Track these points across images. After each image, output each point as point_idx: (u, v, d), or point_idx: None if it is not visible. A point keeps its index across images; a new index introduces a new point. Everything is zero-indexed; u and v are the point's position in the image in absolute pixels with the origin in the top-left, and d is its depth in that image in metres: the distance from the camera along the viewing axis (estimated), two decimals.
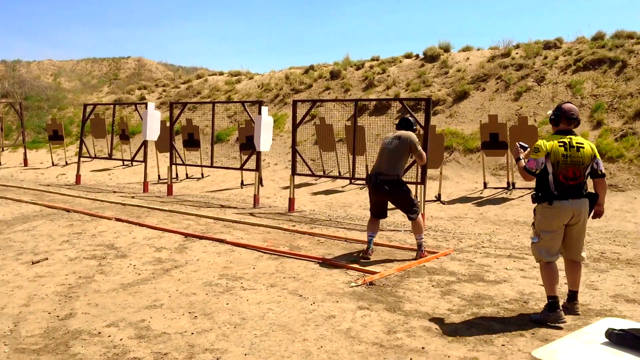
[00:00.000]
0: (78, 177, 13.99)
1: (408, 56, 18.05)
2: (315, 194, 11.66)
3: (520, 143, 4.89)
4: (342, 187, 12.07)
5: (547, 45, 15.34)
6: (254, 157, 10.88)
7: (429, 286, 5.44)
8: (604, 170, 4.64)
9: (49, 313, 4.83)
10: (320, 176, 11.76)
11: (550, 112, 4.88)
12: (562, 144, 4.51)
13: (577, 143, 4.53)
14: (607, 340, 2.32)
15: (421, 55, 17.55)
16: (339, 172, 12.82)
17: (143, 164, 12.82)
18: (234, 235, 7.70)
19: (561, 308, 4.45)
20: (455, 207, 9.84)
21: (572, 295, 4.70)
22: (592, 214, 4.63)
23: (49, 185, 13.44)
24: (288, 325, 4.44)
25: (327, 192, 11.72)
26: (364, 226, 8.46)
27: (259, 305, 4.93)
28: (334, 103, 15.50)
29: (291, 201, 9.88)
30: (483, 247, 7.13)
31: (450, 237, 7.71)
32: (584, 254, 4.66)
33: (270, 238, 7.56)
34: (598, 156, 4.61)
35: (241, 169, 11.67)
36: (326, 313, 4.70)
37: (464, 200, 10.31)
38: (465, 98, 14.46)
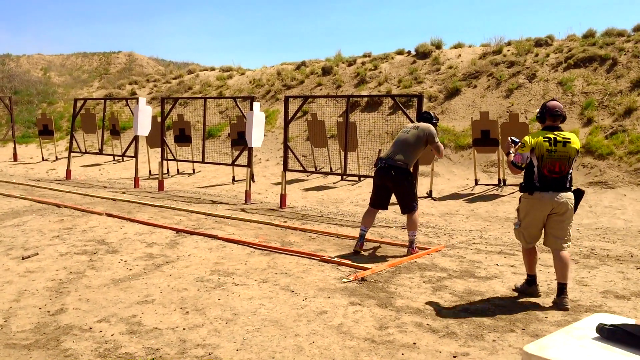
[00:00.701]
0: (68, 172, 13.91)
1: (400, 53, 18.07)
2: (306, 190, 11.66)
3: (512, 138, 5.07)
4: (334, 183, 12.08)
5: (539, 43, 15.40)
6: (245, 153, 10.87)
7: (420, 282, 5.46)
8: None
9: (40, 308, 4.81)
10: (312, 172, 11.76)
11: (537, 110, 5.08)
12: (547, 139, 4.72)
13: (563, 138, 4.75)
14: (598, 335, 2.34)
15: (413, 52, 17.58)
16: (331, 169, 12.83)
17: (134, 159, 12.76)
18: (225, 231, 7.69)
19: (537, 284, 5.06)
20: (446, 204, 9.88)
21: (561, 289, 4.77)
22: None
23: (39, 180, 13.35)
24: (280, 321, 4.45)
25: (318, 189, 11.73)
26: (356, 222, 8.48)
27: (250, 300, 4.93)
28: (326, 99, 15.50)
29: (283, 197, 9.87)
30: (474, 243, 7.17)
31: (442, 234, 7.74)
32: (565, 245, 4.81)
33: (262, 234, 7.55)
34: (578, 152, 4.87)
35: (233, 164, 11.65)
36: (318, 309, 4.71)
37: (455, 196, 10.35)
38: (456, 95, 14.50)
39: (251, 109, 10.35)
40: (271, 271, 5.82)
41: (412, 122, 8.28)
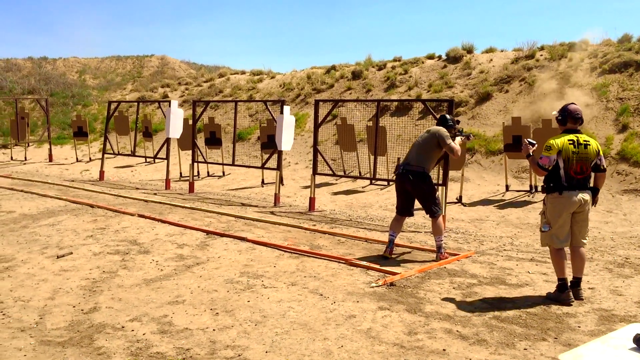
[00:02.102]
0: (102, 173, 14.16)
1: (430, 57, 17.95)
2: (335, 193, 11.66)
3: (529, 140, 5.29)
4: (363, 187, 12.05)
5: (573, 48, 15.15)
6: (275, 156, 10.92)
7: (450, 288, 5.42)
8: (605, 166, 5.21)
9: (74, 306, 4.91)
10: (341, 176, 11.75)
11: (555, 112, 5.34)
12: (571, 141, 5.01)
13: (584, 141, 5.05)
14: (635, 345, 2.29)
15: (444, 56, 17.45)
16: (360, 173, 12.80)
17: (165, 161, 12.94)
18: (254, 234, 7.74)
19: (569, 289, 5.02)
20: (476, 210, 9.77)
21: (576, 282, 5.11)
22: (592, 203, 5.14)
23: (73, 181, 13.63)
24: (309, 324, 4.46)
25: (347, 192, 11.72)
26: (385, 227, 8.45)
27: (279, 303, 4.95)
28: (356, 103, 15.48)
29: (312, 200, 9.89)
30: (505, 250, 7.08)
31: (472, 240, 7.66)
32: (585, 241, 5.15)
33: (290, 237, 7.58)
34: (602, 153, 5.15)
35: (262, 167, 11.72)
36: (347, 313, 4.71)
37: (485, 202, 10.23)
38: (488, 100, 14.34)
39: (281, 112, 10.40)
40: (300, 274, 5.84)
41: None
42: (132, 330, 4.36)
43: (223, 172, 14.52)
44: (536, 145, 5.27)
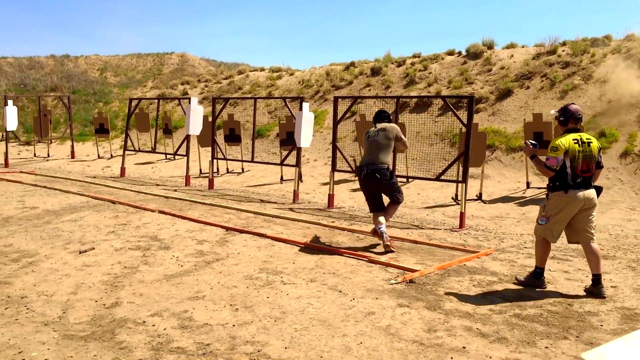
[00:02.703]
0: (123, 169, 14.31)
1: (450, 53, 17.82)
2: (354, 190, 11.64)
3: (530, 141, 5.41)
4: None
5: (595, 43, 14.93)
6: (294, 152, 10.95)
7: (469, 285, 5.39)
8: (603, 163, 5.36)
9: (96, 301, 4.98)
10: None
11: (554, 111, 5.48)
12: (575, 140, 5.11)
13: (587, 139, 5.17)
14: None
15: (464, 52, 17.31)
16: None
17: (185, 158, 13.03)
18: (274, 230, 7.77)
19: (544, 277, 5.34)
20: (496, 207, 9.70)
21: (597, 280, 5.11)
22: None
23: (95, 177, 13.79)
24: (328, 321, 4.47)
25: None
26: (404, 224, 8.43)
27: (298, 299, 4.97)
28: (375, 100, 15.43)
29: (330, 197, 9.89)
30: (525, 247, 7.01)
31: (492, 237, 7.60)
32: (593, 236, 5.19)
33: (309, 233, 7.59)
34: (601, 150, 5.30)
35: (281, 164, 11.75)
36: (366, 309, 4.71)
37: (505, 199, 10.14)
38: (508, 96, 14.20)
39: (300, 109, 10.41)
40: (319, 271, 5.85)
41: (462, 123, 8.26)
42: (153, 325, 4.40)
43: (242, 169, 14.58)
44: (537, 144, 5.42)
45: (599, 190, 5.23)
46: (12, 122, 16.23)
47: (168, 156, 16.62)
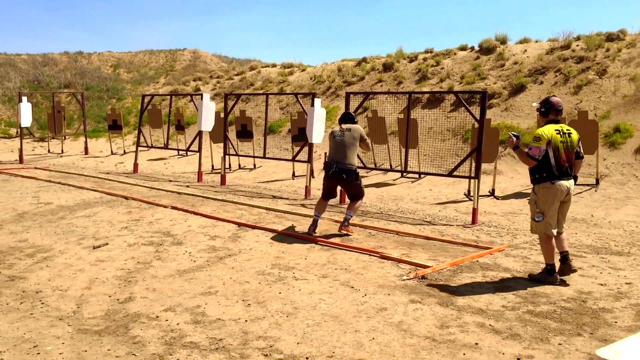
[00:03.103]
0: (135, 165, 14.40)
1: (463, 48, 17.73)
2: (366, 186, 11.59)
3: (513, 133, 5.50)
4: (394, 180, 12.00)
5: (610, 37, 14.77)
6: (305, 148, 10.95)
7: (482, 282, 5.37)
8: (583, 153, 5.52)
9: (110, 296, 5.01)
10: (371, 169, 11.70)
11: (535, 104, 5.66)
12: (557, 131, 5.26)
13: (567, 130, 5.34)
14: None
15: (476, 48, 17.21)
16: (391, 165, 12.75)
17: (198, 154, 13.08)
18: (285, 226, 7.78)
19: (557, 272, 5.33)
20: (509, 203, 9.64)
21: (565, 257, 5.35)
22: None
23: (108, 173, 13.89)
24: (340, 316, 4.47)
25: (378, 185, 11.68)
26: (416, 220, 8.41)
27: (310, 295, 4.97)
28: (387, 95, 15.38)
29: (342, 193, 9.89)
30: (539, 244, 6.95)
31: (504, 233, 7.56)
32: (565, 226, 5.52)
33: (321, 230, 7.60)
34: (580, 141, 5.46)
35: (293, 160, 11.76)
36: (378, 305, 4.70)
37: (518, 195, 10.08)
38: (521, 91, 14.10)
39: (312, 105, 10.41)
40: (331, 266, 5.85)
41: (475, 118, 8.23)
42: (166, 320, 4.43)
43: (254, 165, 14.62)
44: (520, 137, 5.50)
45: (575, 179, 5.43)
46: (26, 118, 16.37)
47: (180, 152, 16.69)
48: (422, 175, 11.60)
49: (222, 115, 13.33)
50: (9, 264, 5.99)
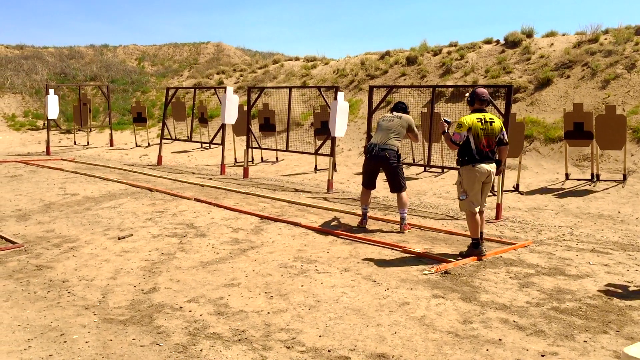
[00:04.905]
0: (159, 158, 14.53)
1: (488, 42, 17.51)
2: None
3: (445, 118, 6.05)
4: (417, 174, 11.93)
5: (639, 31, 14.47)
6: (328, 142, 10.94)
7: (506, 277, 5.32)
8: (507, 140, 6.03)
9: (134, 286, 5.08)
10: None
11: (467, 94, 6.12)
12: (479, 119, 5.81)
13: (489, 119, 5.86)
14: None
15: (502, 41, 16.99)
16: (413, 159, 12.68)
17: (221, 146, 13.15)
18: (308, 219, 7.79)
19: (482, 246, 5.90)
20: (534, 198, 9.53)
21: (477, 243, 5.88)
22: (496, 173, 6.01)
23: (133, 165, 14.05)
24: (362, 310, 4.47)
25: None
26: (439, 215, 8.36)
27: (333, 288, 4.98)
28: (410, 89, 15.28)
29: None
30: (564, 240, 6.88)
31: (529, 229, 7.48)
32: (485, 204, 6.07)
33: (344, 223, 7.59)
34: (504, 129, 6.00)
35: (315, 153, 11.77)
36: (400, 299, 4.69)
37: (543, 191, 9.96)
38: (548, 85, 13.90)
39: (335, 98, 10.39)
40: (353, 260, 5.85)
41: (501, 113, 8.14)
42: (190, 311, 4.48)
43: (277, 158, 14.65)
44: (452, 123, 6.04)
45: (498, 163, 5.95)
46: (53, 110, 16.62)
47: (204, 145, 16.79)
48: (445, 170, 11.51)
49: (245, 108, 13.37)
50: (37, 254, 6.10)
